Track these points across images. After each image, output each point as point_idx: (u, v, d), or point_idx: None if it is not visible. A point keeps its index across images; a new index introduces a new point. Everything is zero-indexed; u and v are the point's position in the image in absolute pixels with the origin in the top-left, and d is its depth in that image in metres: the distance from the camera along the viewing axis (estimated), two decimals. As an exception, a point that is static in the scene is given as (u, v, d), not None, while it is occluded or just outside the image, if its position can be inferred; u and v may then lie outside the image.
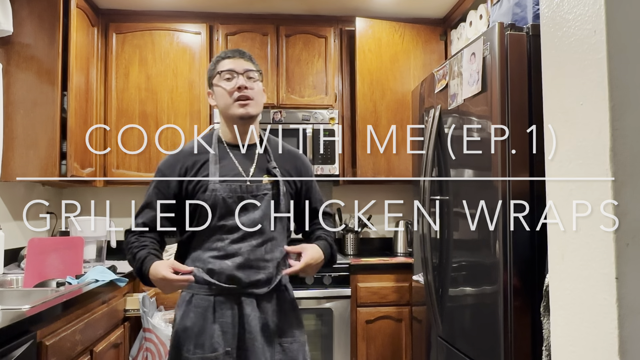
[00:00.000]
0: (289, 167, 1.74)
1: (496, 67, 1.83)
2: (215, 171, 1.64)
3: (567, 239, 1.03)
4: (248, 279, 1.60)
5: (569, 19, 1.02)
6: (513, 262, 1.79)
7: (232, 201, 1.61)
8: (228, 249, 1.60)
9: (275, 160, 1.71)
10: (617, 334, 0.87)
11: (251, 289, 1.60)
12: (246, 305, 1.59)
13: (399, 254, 3.39)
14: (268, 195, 1.64)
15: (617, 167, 0.89)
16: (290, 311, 1.69)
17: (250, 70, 1.67)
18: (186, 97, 3.27)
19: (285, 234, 1.71)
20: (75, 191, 3.51)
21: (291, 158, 1.77)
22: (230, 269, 1.59)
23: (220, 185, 1.62)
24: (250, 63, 1.68)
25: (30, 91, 2.68)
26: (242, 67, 1.66)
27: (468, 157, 2.07)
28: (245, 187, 1.63)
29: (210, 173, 1.63)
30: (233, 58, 1.67)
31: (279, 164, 1.71)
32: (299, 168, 1.76)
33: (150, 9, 3.30)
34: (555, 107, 1.08)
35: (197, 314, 1.60)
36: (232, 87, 1.64)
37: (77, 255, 2.49)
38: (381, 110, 3.29)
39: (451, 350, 2.20)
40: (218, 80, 1.67)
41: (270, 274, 1.63)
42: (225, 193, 1.61)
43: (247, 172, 1.67)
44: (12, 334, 1.52)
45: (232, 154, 1.69)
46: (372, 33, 3.31)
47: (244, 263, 1.60)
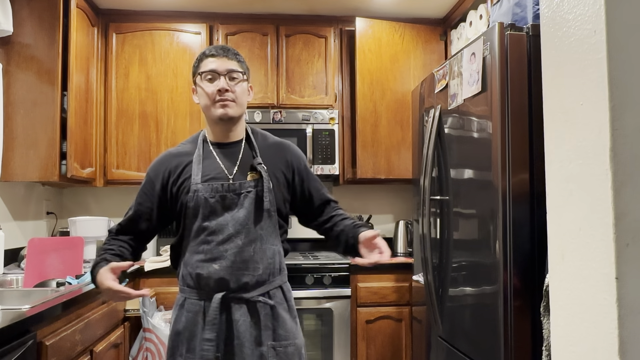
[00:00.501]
0: (277, 160, 1.67)
1: (496, 67, 1.83)
2: (197, 171, 1.60)
3: (567, 239, 1.03)
4: (237, 282, 1.55)
5: (569, 19, 1.02)
6: (513, 262, 1.79)
7: (214, 201, 1.57)
8: (214, 251, 1.56)
9: (262, 155, 1.65)
10: (617, 334, 0.87)
11: (241, 293, 1.56)
12: (235, 310, 1.55)
13: (399, 254, 3.39)
14: (252, 192, 1.58)
15: (617, 167, 0.89)
16: (286, 313, 1.62)
17: (233, 70, 1.61)
18: (186, 97, 3.27)
19: (276, 232, 1.64)
20: (75, 191, 3.52)
21: (279, 150, 1.70)
22: (217, 273, 1.55)
23: (202, 185, 1.57)
24: (234, 62, 1.62)
25: (30, 91, 2.68)
26: (224, 68, 1.60)
27: (468, 157, 2.07)
28: (228, 185, 1.58)
29: (192, 174, 1.60)
30: (217, 57, 1.61)
31: (266, 158, 1.65)
32: (288, 160, 1.70)
33: (150, 9, 3.30)
34: (555, 107, 1.08)
35: (189, 318, 1.58)
36: (213, 90, 1.60)
37: (77, 255, 2.49)
38: (381, 110, 3.29)
39: (451, 350, 2.20)
40: (200, 80, 1.62)
41: (261, 276, 1.58)
42: (207, 193, 1.57)
43: (231, 170, 1.62)
44: (12, 334, 1.52)
45: (215, 152, 1.65)
46: (372, 33, 3.31)
47: (231, 265, 1.55)
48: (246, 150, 1.67)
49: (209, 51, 1.64)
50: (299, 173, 1.71)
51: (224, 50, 1.64)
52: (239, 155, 1.65)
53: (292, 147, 1.75)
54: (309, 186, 1.72)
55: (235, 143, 1.67)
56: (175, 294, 1.68)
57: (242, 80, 1.63)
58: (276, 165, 1.66)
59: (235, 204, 1.58)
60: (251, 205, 1.58)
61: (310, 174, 1.75)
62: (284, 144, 1.74)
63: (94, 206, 3.53)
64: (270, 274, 1.61)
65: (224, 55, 1.62)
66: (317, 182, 1.76)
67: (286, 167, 1.69)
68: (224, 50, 1.64)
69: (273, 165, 1.65)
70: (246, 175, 1.61)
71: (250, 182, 1.60)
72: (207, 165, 1.62)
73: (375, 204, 3.71)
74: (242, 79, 1.63)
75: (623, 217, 0.89)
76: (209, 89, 1.60)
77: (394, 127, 3.31)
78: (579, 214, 0.99)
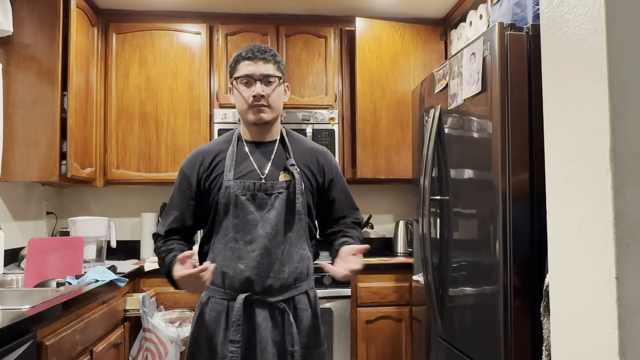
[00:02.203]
0: (309, 163, 1.67)
1: (496, 67, 1.83)
2: (230, 168, 1.60)
3: (567, 239, 1.03)
4: (261, 284, 1.55)
5: (569, 19, 1.02)
6: (513, 262, 1.79)
7: (245, 199, 1.56)
8: (242, 250, 1.56)
9: (295, 157, 1.65)
10: (617, 334, 0.87)
11: (265, 296, 1.55)
12: (258, 314, 1.55)
13: (399, 254, 3.39)
14: (283, 193, 1.58)
15: (617, 167, 0.89)
16: (310, 319, 1.62)
17: (269, 75, 1.60)
18: (186, 97, 3.27)
19: (305, 235, 1.63)
20: (75, 191, 3.52)
21: (313, 154, 1.70)
22: (242, 273, 1.55)
23: (234, 182, 1.58)
24: (270, 65, 1.61)
25: (30, 91, 2.68)
26: (260, 72, 1.59)
27: (468, 157, 2.07)
28: (260, 184, 1.58)
29: (225, 170, 1.60)
30: (253, 59, 1.60)
31: (299, 160, 1.65)
32: (320, 164, 1.69)
33: (150, 9, 3.30)
34: (555, 107, 1.08)
35: (212, 317, 1.58)
36: (249, 95, 1.59)
37: (77, 255, 2.49)
38: (381, 110, 3.29)
39: (451, 350, 2.20)
40: (236, 84, 1.63)
41: (286, 280, 1.57)
42: (238, 190, 1.57)
43: (263, 169, 1.62)
44: (12, 334, 1.52)
45: (249, 151, 1.65)
46: (372, 33, 3.31)
47: (257, 266, 1.55)
48: (280, 150, 1.66)
49: (246, 53, 1.62)
50: (329, 180, 1.70)
51: (260, 52, 1.61)
52: (272, 155, 1.65)
53: (327, 154, 1.75)
54: (334, 195, 1.71)
55: (270, 143, 1.67)
56: (175, 294, 1.68)
57: (277, 85, 1.62)
58: (309, 168, 1.66)
59: (266, 204, 1.58)
60: (282, 206, 1.58)
61: (339, 185, 1.73)
62: (320, 149, 1.74)
63: (94, 206, 3.53)
64: (297, 279, 1.60)
65: (260, 59, 1.60)
66: (344, 195, 1.74)
67: (318, 171, 1.68)
68: (260, 52, 1.61)
69: (306, 167, 1.65)
70: (278, 176, 1.61)
71: (282, 183, 1.59)
72: (240, 162, 1.62)
73: (375, 204, 3.71)
74: (277, 83, 1.62)
75: (623, 217, 0.89)
76: (245, 93, 1.60)
77: (394, 127, 3.31)
78: (579, 214, 0.98)
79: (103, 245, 3.04)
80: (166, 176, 3.22)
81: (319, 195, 1.69)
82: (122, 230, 3.47)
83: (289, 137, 1.71)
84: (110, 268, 2.52)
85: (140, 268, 2.86)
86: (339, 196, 1.72)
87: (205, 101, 3.28)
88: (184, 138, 3.26)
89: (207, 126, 3.27)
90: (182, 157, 3.24)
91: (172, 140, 3.25)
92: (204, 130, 3.26)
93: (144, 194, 3.54)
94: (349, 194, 1.76)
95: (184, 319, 2.71)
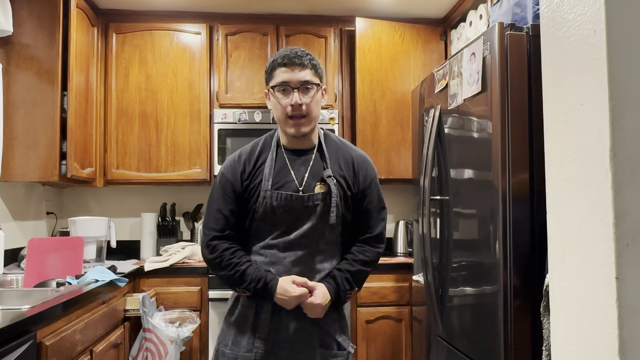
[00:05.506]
0: (346, 172, 1.64)
1: (496, 67, 1.83)
2: (269, 177, 1.60)
3: (567, 239, 1.03)
4: None
5: (569, 19, 1.02)
6: (513, 262, 1.79)
7: (282, 211, 1.57)
8: (275, 256, 1.59)
9: (332, 166, 1.63)
10: (617, 334, 0.87)
11: None
12: (286, 314, 1.57)
13: (399, 254, 3.39)
14: (319, 206, 1.58)
15: (617, 167, 0.89)
16: (336, 323, 1.63)
17: (307, 82, 1.57)
18: (186, 97, 3.27)
19: (338, 245, 1.65)
20: (75, 191, 3.52)
21: (351, 162, 1.66)
22: None
23: (272, 192, 1.58)
24: (307, 70, 1.57)
25: (30, 91, 2.68)
26: (297, 80, 1.56)
27: (468, 157, 2.07)
28: (297, 197, 1.58)
29: (263, 179, 1.60)
30: (290, 66, 1.56)
31: (336, 169, 1.63)
32: (357, 173, 1.66)
33: (150, 9, 3.30)
34: (555, 107, 1.08)
35: (241, 312, 1.61)
36: (286, 103, 1.57)
37: (77, 255, 2.49)
38: (381, 110, 3.29)
39: (451, 350, 2.20)
40: (273, 91, 1.60)
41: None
42: (275, 202, 1.57)
43: (301, 179, 1.61)
44: (12, 334, 1.52)
45: (288, 159, 1.64)
46: (372, 33, 3.31)
47: (288, 272, 1.57)
48: (317, 160, 1.65)
49: (282, 59, 1.58)
50: (363, 189, 1.66)
51: (297, 57, 1.57)
52: (310, 165, 1.63)
53: (364, 161, 1.69)
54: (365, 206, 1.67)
55: (308, 151, 1.66)
56: (175, 294, 1.68)
57: (316, 92, 1.60)
58: (344, 178, 1.63)
59: (301, 215, 1.58)
60: (316, 218, 1.58)
61: (370, 195, 1.67)
62: (358, 158, 1.69)
63: (94, 206, 3.53)
64: None
65: (297, 64, 1.57)
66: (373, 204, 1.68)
67: (354, 182, 1.65)
68: (297, 57, 1.57)
69: (342, 177, 1.63)
70: (315, 187, 1.60)
71: (319, 195, 1.59)
72: (278, 171, 1.62)
73: (375, 204, 3.70)
74: (316, 90, 1.59)
75: (623, 217, 0.89)
76: (283, 102, 1.58)
77: (394, 127, 3.31)
78: (579, 214, 0.98)
79: (103, 245, 3.04)
80: (166, 176, 3.23)
81: (354, 205, 1.66)
82: (122, 230, 3.47)
83: (327, 142, 1.69)
84: (110, 268, 2.52)
85: (140, 268, 2.86)
86: (367, 207, 1.68)
87: (205, 101, 3.28)
88: (184, 138, 3.26)
89: (207, 126, 3.27)
90: (182, 157, 3.25)
91: (172, 140, 3.25)
92: (204, 130, 3.26)
93: (144, 194, 3.54)
94: (376, 205, 1.70)
95: (184, 319, 2.72)
